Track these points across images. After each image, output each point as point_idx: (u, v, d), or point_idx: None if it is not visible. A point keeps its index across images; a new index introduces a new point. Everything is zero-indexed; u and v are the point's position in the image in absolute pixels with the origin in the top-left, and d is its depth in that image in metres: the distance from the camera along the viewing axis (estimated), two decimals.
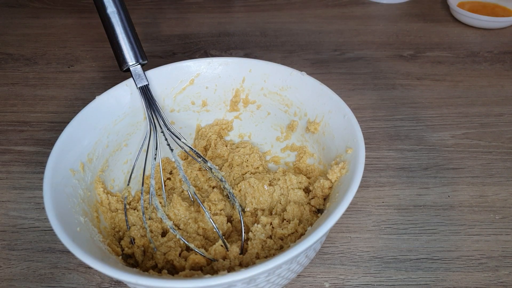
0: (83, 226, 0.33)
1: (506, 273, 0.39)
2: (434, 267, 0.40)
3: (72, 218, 0.32)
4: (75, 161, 0.37)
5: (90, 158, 0.39)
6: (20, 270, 0.40)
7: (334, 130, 0.39)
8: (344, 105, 0.38)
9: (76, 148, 0.38)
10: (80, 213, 0.34)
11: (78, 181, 0.36)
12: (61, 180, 0.34)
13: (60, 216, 0.31)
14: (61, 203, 0.33)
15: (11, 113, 0.59)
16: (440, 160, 0.50)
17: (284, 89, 0.44)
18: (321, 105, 0.40)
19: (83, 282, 0.39)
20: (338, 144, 0.38)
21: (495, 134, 0.54)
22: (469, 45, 0.72)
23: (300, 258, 0.32)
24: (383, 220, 0.44)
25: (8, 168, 0.51)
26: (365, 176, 0.49)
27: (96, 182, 0.39)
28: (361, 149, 0.34)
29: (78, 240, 0.29)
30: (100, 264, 0.27)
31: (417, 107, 0.58)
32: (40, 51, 0.73)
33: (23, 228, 0.44)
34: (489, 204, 0.45)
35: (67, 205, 0.33)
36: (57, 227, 0.29)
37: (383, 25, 0.79)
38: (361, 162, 0.33)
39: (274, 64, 0.44)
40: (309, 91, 0.42)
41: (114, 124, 0.42)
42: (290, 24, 0.80)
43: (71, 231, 0.30)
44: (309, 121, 0.42)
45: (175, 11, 0.86)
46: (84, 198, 0.36)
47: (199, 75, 0.45)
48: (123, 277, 0.27)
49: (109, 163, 0.42)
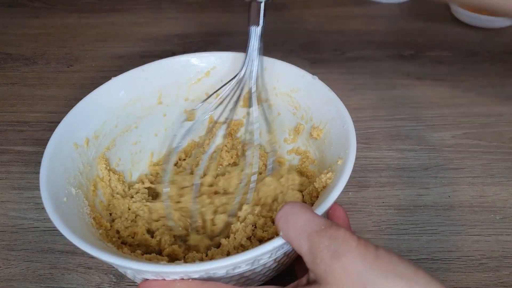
0: (73, 198, 0.35)
1: (507, 274, 0.39)
2: (434, 267, 0.39)
3: (62, 188, 0.35)
4: (81, 136, 0.39)
5: (97, 135, 0.41)
6: (19, 270, 0.40)
7: (333, 138, 0.39)
8: (347, 114, 0.37)
9: (83, 124, 0.40)
10: (75, 184, 0.36)
11: (80, 155, 0.38)
12: (61, 151, 0.37)
13: (51, 182, 0.34)
14: (56, 172, 0.35)
15: (10, 113, 0.59)
16: (441, 160, 0.50)
17: (295, 91, 0.43)
18: (326, 112, 0.40)
19: (83, 283, 0.39)
20: (334, 153, 0.37)
21: (495, 134, 0.54)
22: (469, 44, 0.72)
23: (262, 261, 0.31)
24: (383, 220, 0.44)
25: (7, 168, 0.51)
26: (365, 176, 0.48)
27: (100, 158, 0.41)
28: (349, 161, 0.33)
29: (60, 207, 0.32)
30: (66, 230, 0.30)
31: (418, 107, 0.58)
32: (39, 51, 0.73)
33: (23, 228, 0.44)
34: (489, 204, 0.45)
35: (62, 175, 0.35)
36: (44, 191, 0.32)
37: (383, 25, 0.79)
38: (346, 174, 0.32)
39: (288, 64, 0.44)
40: (317, 96, 0.41)
41: (125, 106, 0.43)
42: (290, 24, 0.80)
43: (57, 198, 0.33)
44: (313, 127, 0.42)
45: (175, 11, 0.86)
46: (82, 172, 0.38)
47: (215, 68, 0.46)
48: (85, 248, 0.29)
49: (117, 143, 0.44)
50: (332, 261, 0.24)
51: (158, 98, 0.46)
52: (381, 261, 0.24)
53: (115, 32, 0.78)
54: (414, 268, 0.24)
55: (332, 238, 0.25)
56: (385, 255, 0.24)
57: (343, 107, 0.38)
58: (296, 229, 0.26)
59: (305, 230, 0.26)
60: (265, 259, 0.29)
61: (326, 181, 0.36)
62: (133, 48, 0.73)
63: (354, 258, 0.24)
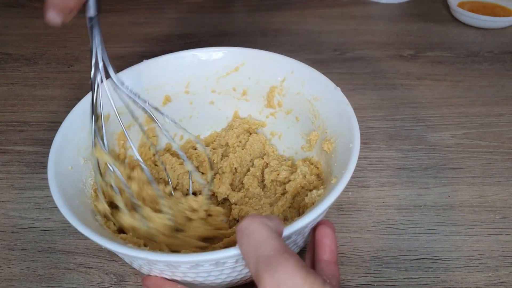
0: (79, 167, 0.37)
1: (506, 273, 0.39)
2: (434, 267, 0.40)
3: (71, 156, 0.36)
4: (103, 111, 0.38)
5: (120, 112, 0.39)
6: (20, 270, 0.40)
7: (338, 155, 0.37)
8: (357, 132, 0.36)
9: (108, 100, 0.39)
10: (85, 155, 0.38)
11: (98, 128, 0.38)
12: (80, 122, 0.38)
13: (60, 149, 0.35)
14: (69, 141, 0.37)
15: (11, 113, 0.59)
16: (440, 160, 0.50)
17: (317, 99, 0.43)
18: (339, 126, 0.39)
19: (83, 282, 0.39)
20: (334, 171, 0.36)
21: (495, 134, 0.54)
22: (469, 45, 0.72)
23: None
24: (383, 220, 0.44)
25: (8, 168, 0.51)
26: (365, 176, 0.49)
27: (120, 135, 0.43)
28: (341, 183, 0.31)
29: (61, 173, 0.34)
30: (59, 197, 0.31)
31: (417, 107, 0.58)
32: (39, 51, 0.73)
33: (23, 228, 0.44)
34: (489, 204, 0.45)
35: (74, 145, 0.37)
36: (52, 157, 0.34)
37: (383, 25, 0.79)
38: (333, 196, 0.30)
39: (314, 70, 0.43)
40: (336, 108, 0.40)
41: (153, 89, 0.45)
42: (290, 24, 0.80)
43: (62, 165, 0.35)
44: (326, 139, 0.41)
45: (175, 11, 0.86)
46: None
47: (245, 64, 0.46)
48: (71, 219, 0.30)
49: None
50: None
51: (186, 86, 0.46)
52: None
53: (115, 32, 0.78)
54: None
55: (278, 270, 0.23)
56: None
57: (356, 125, 0.36)
58: (248, 248, 0.25)
59: (255, 252, 0.24)
60: (230, 263, 0.29)
61: (315, 198, 0.35)
62: (133, 48, 0.73)
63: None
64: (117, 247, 0.28)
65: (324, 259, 0.32)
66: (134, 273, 0.40)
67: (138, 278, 0.39)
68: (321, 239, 0.32)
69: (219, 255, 0.27)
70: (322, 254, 0.32)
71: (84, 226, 0.29)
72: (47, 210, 0.46)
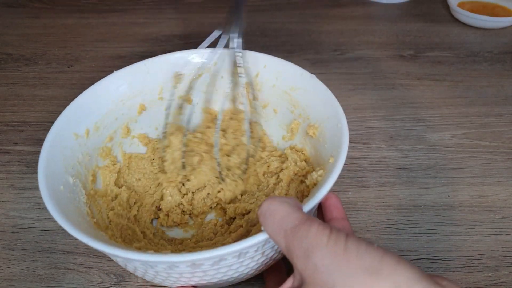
0: (69, 186, 0.36)
1: (506, 273, 0.39)
2: (434, 267, 0.40)
3: (60, 176, 0.36)
4: (82, 126, 0.40)
5: (98, 126, 0.42)
6: (20, 270, 0.40)
7: (327, 137, 0.39)
8: (341, 113, 0.37)
9: (85, 115, 0.41)
10: (72, 174, 0.37)
11: (79, 145, 0.39)
12: (61, 141, 0.38)
13: (49, 171, 0.35)
14: (55, 160, 0.36)
15: (11, 113, 0.59)
16: (440, 160, 0.50)
17: (294, 90, 0.44)
18: (323, 110, 0.40)
19: (83, 282, 0.39)
20: (327, 152, 0.37)
21: (495, 134, 0.54)
22: (469, 45, 0.72)
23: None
24: (383, 220, 0.44)
25: (8, 168, 0.51)
26: (365, 176, 0.49)
27: (103, 148, 0.43)
28: (340, 159, 0.33)
29: (56, 194, 0.33)
30: (60, 216, 0.31)
31: (417, 107, 0.58)
32: (40, 51, 0.73)
33: (23, 228, 0.44)
34: (489, 204, 0.45)
35: (61, 164, 0.37)
36: (42, 179, 0.34)
37: (383, 25, 0.79)
38: (336, 172, 0.32)
39: (287, 62, 0.44)
40: (315, 95, 0.41)
41: (127, 99, 0.44)
42: (290, 24, 0.80)
43: (53, 186, 0.34)
44: (310, 124, 0.42)
45: (175, 11, 0.86)
46: (81, 161, 0.39)
47: (216, 63, 0.46)
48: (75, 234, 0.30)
49: (117, 135, 0.45)
50: (305, 260, 0.23)
51: (159, 93, 0.46)
52: (349, 255, 0.23)
53: (115, 32, 0.78)
54: (380, 256, 0.22)
55: (304, 236, 0.24)
56: (353, 248, 0.23)
57: (339, 106, 0.38)
58: (274, 226, 0.26)
59: (281, 227, 0.25)
60: (251, 252, 0.29)
61: (317, 179, 0.36)
62: (133, 48, 0.73)
63: (323, 256, 0.23)
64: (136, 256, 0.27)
65: (333, 217, 0.33)
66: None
67: (138, 278, 0.39)
68: (324, 202, 0.34)
69: (241, 245, 0.27)
70: (331, 214, 0.33)
71: (97, 241, 0.28)
72: (47, 210, 0.45)
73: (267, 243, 0.29)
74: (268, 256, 0.31)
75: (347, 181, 0.48)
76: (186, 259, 0.26)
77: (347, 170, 0.49)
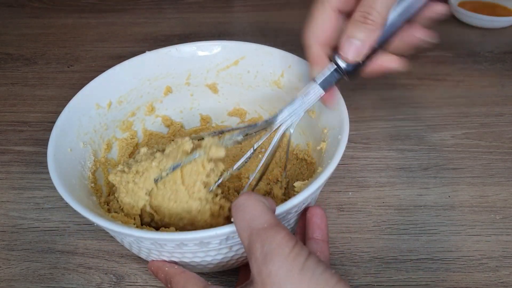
0: (79, 150, 0.38)
1: (507, 274, 0.39)
2: (434, 267, 0.39)
3: (71, 139, 0.38)
4: (105, 98, 0.42)
5: (121, 100, 0.44)
6: (19, 270, 0.40)
7: (328, 147, 0.38)
8: (346, 125, 0.36)
9: (110, 88, 0.43)
10: (85, 140, 0.40)
11: (99, 115, 0.42)
12: (81, 109, 0.40)
13: (62, 131, 0.37)
14: (70, 125, 0.38)
15: (11, 113, 0.59)
16: (441, 160, 0.50)
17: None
18: (332, 119, 0.39)
19: (83, 283, 0.39)
20: (323, 161, 0.37)
21: (495, 134, 0.54)
22: (469, 44, 0.72)
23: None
24: (383, 220, 0.44)
25: (7, 168, 0.51)
26: (365, 176, 0.48)
27: (124, 121, 0.45)
28: (325, 173, 0.31)
29: (60, 155, 0.35)
30: (56, 178, 0.32)
31: (418, 107, 0.58)
32: (39, 51, 0.73)
33: (23, 228, 0.44)
34: (489, 204, 0.45)
35: (75, 129, 0.39)
36: (52, 137, 0.36)
37: None
38: (316, 184, 0.30)
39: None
40: (332, 112, 0.40)
41: (154, 80, 0.46)
42: (290, 24, 0.80)
43: (61, 144, 0.36)
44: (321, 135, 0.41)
45: (175, 11, 0.86)
46: (97, 130, 0.42)
47: (245, 58, 0.46)
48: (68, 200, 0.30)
49: (140, 111, 0.47)
50: (262, 264, 0.24)
51: (187, 78, 0.47)
52: (303, 274, 0.23)
53: (115, 32, 0.78)
54: (333, 284, 0.23)
55: (268, 241, 0.24)
56: (310, 268, 0.23)
57: (347, 119, 0.37)
58: (243, 222, 0.26)
59: (249, 225, 0.25)
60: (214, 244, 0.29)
61: (301, 187, 0.35)
62: (133, 48, 0.73)
63: (280, 266, 0.23)
64: (108, 224, 0.29)
65: (314, 237, 0.33)
66: (133, 273, 0.40)
67: (138, 278, 0.39)
68: (311, 218, 0.33)
69: (202, 234, 0.27)
70: (312, 233, 0.33)
71: (77, 203, 0.30)
72: (46, 210, 0.46)
73: (231, 238, 0.29)
74: (238, 252, 0.32)
75: (347, 181, 0.48)
76: (150, 236, 0.28)
77: (347, 170, 0.49)
